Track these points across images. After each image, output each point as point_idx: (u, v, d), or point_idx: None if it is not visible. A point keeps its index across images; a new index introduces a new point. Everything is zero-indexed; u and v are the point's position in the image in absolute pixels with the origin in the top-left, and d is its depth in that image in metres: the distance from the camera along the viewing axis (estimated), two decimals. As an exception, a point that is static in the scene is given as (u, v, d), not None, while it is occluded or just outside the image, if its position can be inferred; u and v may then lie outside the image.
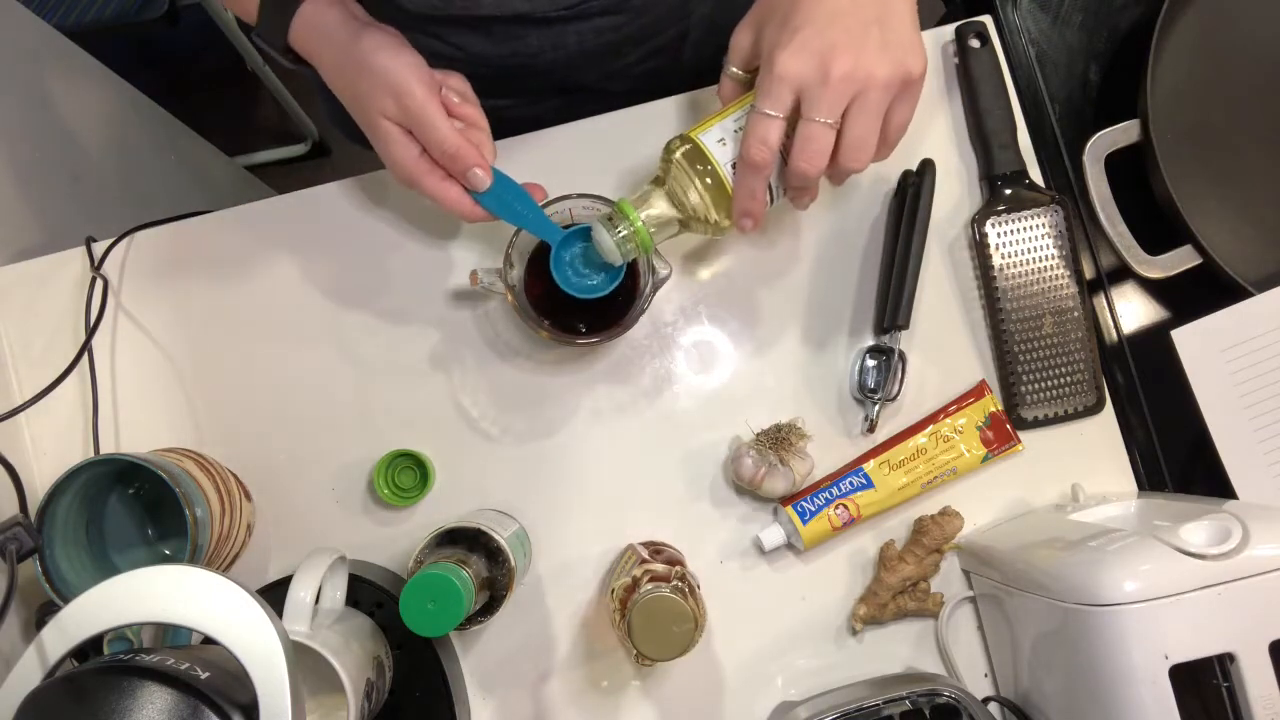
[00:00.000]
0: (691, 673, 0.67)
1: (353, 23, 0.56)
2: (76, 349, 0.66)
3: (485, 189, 0.58)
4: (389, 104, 0.55)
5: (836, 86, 0.49)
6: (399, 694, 0.62)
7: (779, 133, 0.51)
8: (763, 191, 0.54)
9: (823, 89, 0.49)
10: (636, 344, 0.69)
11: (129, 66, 1.14)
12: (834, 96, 0.49)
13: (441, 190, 0.58)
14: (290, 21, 0.56)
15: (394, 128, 0.56)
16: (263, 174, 1.62)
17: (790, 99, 0.50)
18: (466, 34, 0.67)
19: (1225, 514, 0.54)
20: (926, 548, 0.65)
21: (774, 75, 0.49)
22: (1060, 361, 0.68)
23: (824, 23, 0.49)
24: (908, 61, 0.50)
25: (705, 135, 0.55)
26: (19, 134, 0.86)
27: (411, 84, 0.54)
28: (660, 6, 0.70)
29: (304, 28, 0.56)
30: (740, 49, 0.56)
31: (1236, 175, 0.71)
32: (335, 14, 0.56)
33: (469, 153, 0.56)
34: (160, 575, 0.42)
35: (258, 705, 0.39)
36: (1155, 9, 0.68)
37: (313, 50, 0.57)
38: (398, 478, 0.68)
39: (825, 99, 0.49)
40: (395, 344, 0.69)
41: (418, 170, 0.57)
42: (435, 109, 0.55)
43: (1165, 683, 0.50)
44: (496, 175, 0.58)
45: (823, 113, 0.49)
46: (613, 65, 0.73)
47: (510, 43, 0.67)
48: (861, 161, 0.51)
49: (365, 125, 0.58)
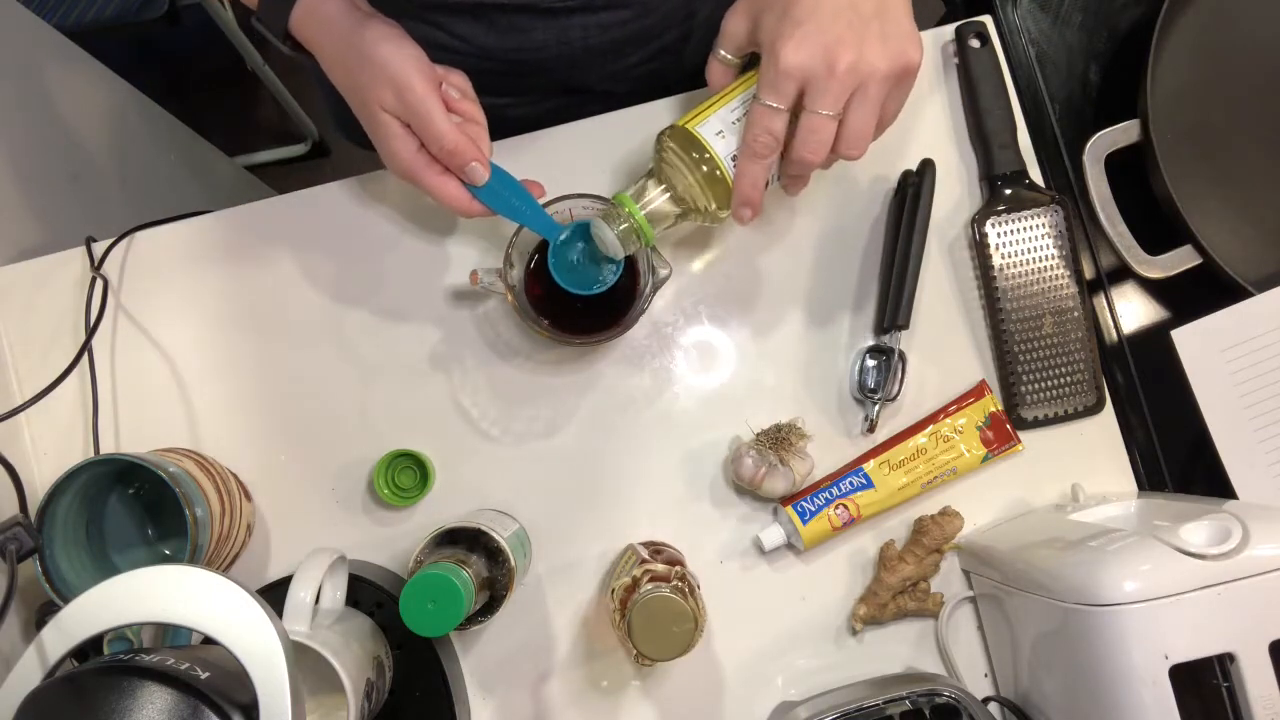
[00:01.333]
0: (691, 673, 0.67)
1: (355, 13, 0.56)
2: (76, 349, 0.66)
3: (483, 184, 0.58)
4: (389, 96, 0.55)
5: (841, 79, 0.50)
6: (399, 694, 0.62)
7: (783, 124, 0.52)
8: (764, 181, 0.54)
9: (828, 82, 0.50)
10: (636, 344, 0.69)
11: (129, 66, 1.14)
12: (839, 89, 0.50)
13: (439, 185, 0.58)
14: (292, 8, 0.56)
15: (393, 121, 0.56)
16: (263, 174, 1.62)
17: (794, 91, 0.51)
18: (470, 24, 0.67)
19: (1225, 514, 0.54)
20: (926, 548, 0.65)
21: (779, 68, 0.50)
22: (1060, 361, 0.68)
23: (827, 16, 0.49)
24: (907, 53, 0.51)
25: (702, 127, 0.56)
26: (19, 134, 0.86)
27: (412, 77, 0.54)
28: (665, 6, 0.70)
29: (306, 14, 0.56)
30: (734, 35, 0.56)
31: (1236, 175, 0.71)
32: (338, 2, 0.56)
33: (467, 148, 0.56)
34: (160, 575, 0.42)
35: (258, 705, 0.39)
36: (1155, 9, 0.68)
37: (313, 38, 0.57)
38: (398, 478, 0.68)
39: (830, 92, 0.50)
40: (395, 344, 0.69)
41: (415, 164, 0.57)
42: (435, 103, 0.55)
43: (1165, 683, 0.50)
44: (495, 171, 0.58)
45: (827, 105, 0.50)
46: (615, 65, 0.73)
47: (514, 35, 0.67)
48: (859, 150, 0.52)
49: (364, 117, 0.58)
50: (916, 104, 0.70)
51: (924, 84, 0.71)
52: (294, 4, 0.56)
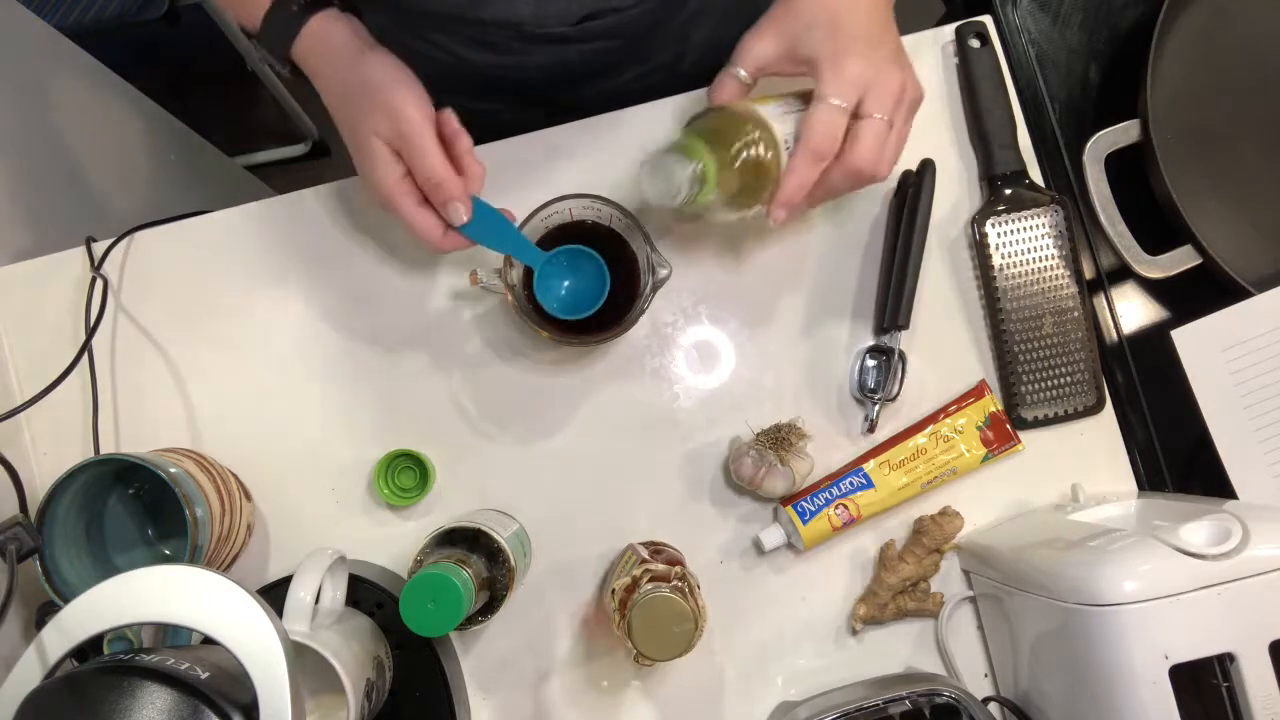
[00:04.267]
0: (691, 673, 0.67)
1: (357, 42, 0.57)
2: (76, 349, 0.66)
3: (460, 225, 0.58)
4: (383, 124, 0.55)
5: (895, 94, 0.54)
6: (399, 694, 0.62)
7: (844, 129, 0.54)
8: (810, 186, 0.55)
9: (883, 91, 0.54)
10: (636, 344, 0.69)
11: (129, 66, 1.14)
12: (891, 100, 0.54)
13: (416, 215, 0.58)
14: (297, 34, 0.56)
15: (383, 147, 0.56)
16: (263, 174, 1.62)
17: (856, 99, 0.53)
18: (470, 46, 0.67)
19: (1225, 514, 0.54)
20: (926, 548, 0.65)
21: (846, 76, 0.53)
22: (1060, 361, 0.68)
23: (875, 40, 0.54)
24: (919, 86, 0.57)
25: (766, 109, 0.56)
26: (19, 134, 0.86)
27: (409, 108, 0.55)
28: (660, 31, 0.70)
29: (310, 41, 0.57)
30: (760, 55, 0.57)
31: (1236, 175, 0.71)
32: (342, 32, 0.57)
33: (453, 186, 0.56)
34: (160, 575, 0.42)
35: (258, 705, 0.39)
36: (1155, 9, 0.68)
37: (314, 65, 0.57)
38: (398, 478, 0.68)
39: (885, 101, 0.54)
40: (395, 344, 0.69)
41: (397, 190, 0.57)
42: (430, 135, 0.55)
43: (1165, 683, 0.50)
44: (476, 204, 0.58)
45: (883, 110, 0.54)
46: (611, 83, 0.74)
47: (513, 55, 0.68)
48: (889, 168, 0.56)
49: (354, 142, 0.58)
50: (916, 104, 0.70)
51: (924, 84, 0.71)
52: (299, 32, 0.56)
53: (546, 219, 0.62)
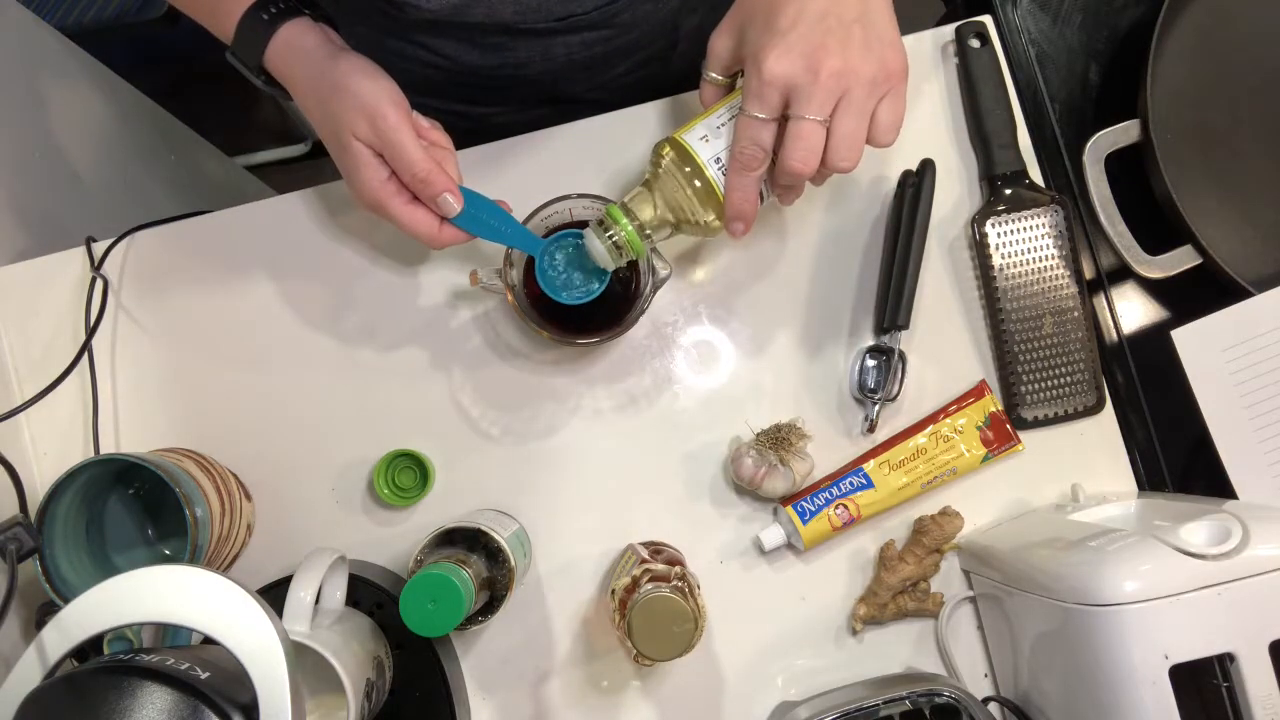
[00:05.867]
0: (691, 673, 0.67)
1: (329, 45, 0.57)
2: (76, 349, 0.66)
3: (455, 215, 0.58)
4: (362, 125, 0.55)
5: (826, 84, 0.49)
6: (399, 694, 0.62)
7: (770, 135, 0.51)
8: (755, 194, 0.54)
9: (812, 88, 0.49)
10: (636, 344, 0.69)
11: (129, 66, 1.14)
12: (824, 95, 0.49)
13: (408, 214, 0.57)
14: (269, 42, 0.56)
15: (364, 149, 0.56)
16: (263, 174, 1.62)
17: (779, 101, 0.50)
18: (454, 44, 0.67)
19: (1225, 514, 0.54)
20: (926, 548, 0.65)
21: (762, 78, 0.49)
22: (1060, 361, 0.68)
23: (809, 24, 0.49)
24: (889, 58, 0.50)
25: (689, 135, 0.55)
26: (19, 134, 0.86)
27: (385, 107, 0.54)
28: (648, 23, 0.70)
29: (282, 48, 0.57)
30: (719, 55, 0.55)
31: (1236, 175, 0.71)
32: (313, 38, 0.57)
33: (440, 178, 0.56)
34: (160, 575, 0.42)
35: (258, 705, 0.39)
36: (1155, 9, 0.68)
37: (287, 72, 0.57)
38: (398, 478, 0.68)
39: (816, 97, 0.49)
40: (395, 344, 0.69)
41: (384, 193, 0.57)
42: (408, 132, 0.55)
43: (1165, 683, 0.50)
44: (467, 194, 0.58)
45: (814, 110, 0.49)
46: (601, 77, 0.73)
47: (499, 53, 0.67)
48: (850, 160, 0.51)
49: (335, 146, 0.58)
50: (916, 104, 0.70)
51: (924, 84, 0.71)
52: (270, 39, 0.56)
53: (546, 219, 0.62)
